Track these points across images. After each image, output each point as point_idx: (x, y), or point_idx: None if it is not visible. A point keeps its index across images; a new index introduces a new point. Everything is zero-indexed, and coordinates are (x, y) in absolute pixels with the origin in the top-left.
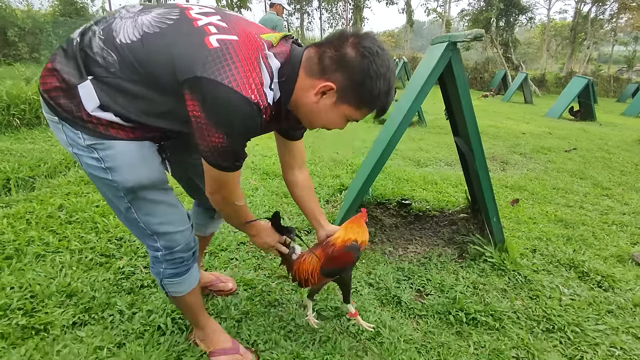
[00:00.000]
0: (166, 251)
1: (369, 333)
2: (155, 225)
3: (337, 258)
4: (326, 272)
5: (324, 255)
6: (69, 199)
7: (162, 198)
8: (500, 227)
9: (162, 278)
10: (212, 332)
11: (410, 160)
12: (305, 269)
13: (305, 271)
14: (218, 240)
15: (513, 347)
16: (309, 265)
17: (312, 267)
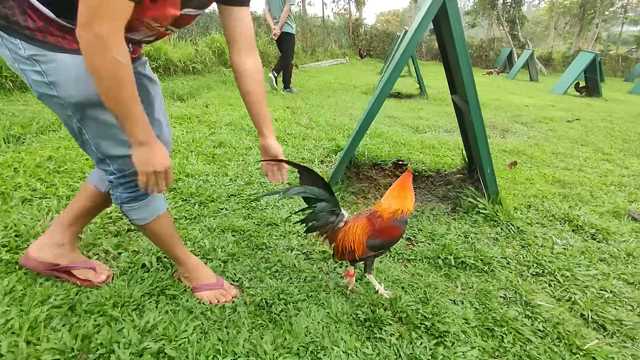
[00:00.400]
0: (119, 174)
1: (358, 273)
2: (106, 147)
3: (384, 231)
4: (373, 244)
5: (371, 226)
6: (59, 152)
7: (113, 120)
8: (494, 179)
9: (122, 204)
10: (195, 268)
11: (409, 127)
12: (351, 239)
13: (350, 242)
14: (208, 192)
15: (501, 288)
16: (355, 236)
17: (359, 239)
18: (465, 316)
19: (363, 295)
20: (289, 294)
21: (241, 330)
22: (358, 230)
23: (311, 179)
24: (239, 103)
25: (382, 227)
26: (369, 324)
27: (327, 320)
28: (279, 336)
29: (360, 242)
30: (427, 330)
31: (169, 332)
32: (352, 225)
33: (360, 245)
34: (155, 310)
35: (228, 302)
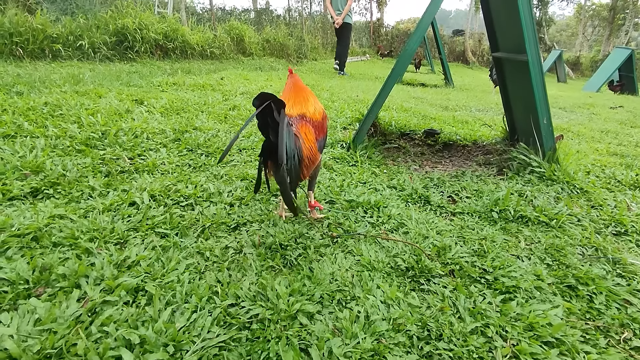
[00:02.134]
0: None
1: (392, 224)
2: None
3: (322, 128)
4: (320, 144)
5: (311, 125)
6: (57, 98)
7: None
8: (552, 132)
9: None
10: None
11: (438, 106)
12: (307, 148)
13: (309, 150)
14: (217, 144)
15: (577, 245)
16: (308, 142)
17: (311, 143)
18: (536, 272)
19: (401, 242)
20: (309, 238)
21: (247, 272)
22: (308, 135)
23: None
24: (255, 78)
25: (318, 124)
26: (413, 273)
27: (358, 267)
28: (296, 281)
29: (315, 145)
30: (489, 284)
31: (154, 269)
32: (300, 131)
33: (315, 148)
34: (140, 245)
35: None
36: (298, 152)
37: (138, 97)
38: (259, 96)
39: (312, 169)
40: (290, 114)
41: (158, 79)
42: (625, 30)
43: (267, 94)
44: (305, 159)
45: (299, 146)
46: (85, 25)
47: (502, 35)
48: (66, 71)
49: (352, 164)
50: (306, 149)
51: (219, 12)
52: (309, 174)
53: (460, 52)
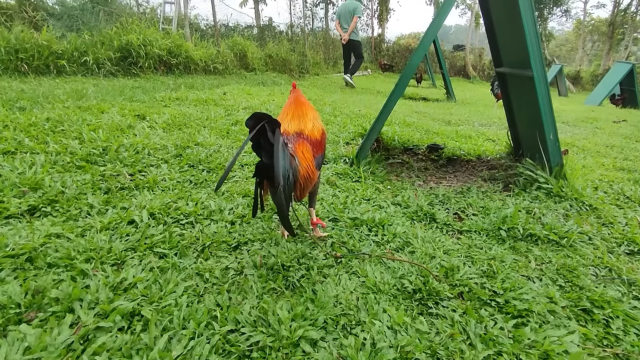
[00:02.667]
0: None
1: (397, 243)
2: None
3: (320, 145)
4: (318, 161)
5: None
6: (59, 114)
7: None
8: (558, 148)
9: None
10: None
11: (441, 120)
12: (306, 166)
13: (306, 168)
14: (219, 160)
15: (590, 265)
16: (305, 161)
17: (308, 162)
18: (548, 294)
19: (407, 263)
20: (312, 258)
21: (248, 295)
22: (305, 153)
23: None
24: (257, 93)
25: (316, 140)
26: (420, 296)
27: (363, 290)
28: (299, 304)
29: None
30: (500, 308)
31: (151, 292)
32: (298, 150)
33: (312, 167)
34: (137, 266)
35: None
36: (293, 172)
37: (140, 113)
38: (253, 116)
39: (309, 189)
40: (287, 131)
41: (161, 94)
42: (624, 45)
43: (261, 113)
44: (302, 179)
45: (295, 167)
46: (90, 41)
47: (506, 51)
48: (70, 87)
49: (355, 180)
50: (303, 168)
51: (223, 28)
52: (307, 193)
53: (461, 66)
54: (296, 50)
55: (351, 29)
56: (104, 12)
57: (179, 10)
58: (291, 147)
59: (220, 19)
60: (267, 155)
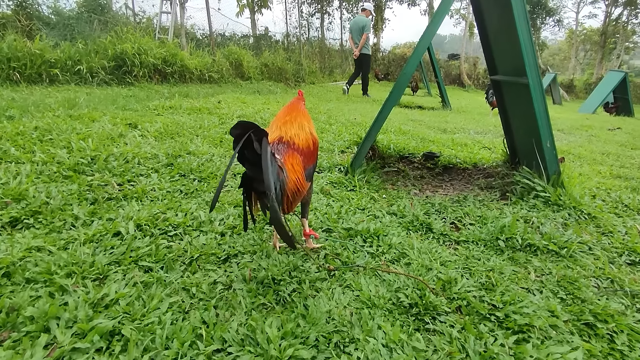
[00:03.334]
0: None
1: (392, 254)
2: None
3: (311, 155)
4: (309, 172)
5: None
6: (48, 123)
7: None
8: (555, 156)
9: None
10: None
11: (436, 128)
12: (294, 180)
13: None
14: (211, 169)
15: (591, 276)
16: (294, 174)
17: (298, 174)
18: (550, 307)
19: (403, 275)
20: (304, 271)
21: (236, 311)
22: (295, 165)
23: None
24: (252, 101)
25: (308, 151)
26: (417, 311)
27: (357, 304)
28: (289, 321)
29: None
30: (500, 322)
31: (133, 309)
32: (287, 162)
33: (302, 180)
34: (120, 281)
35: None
36: (280, 185)
37: (132, 121)
38: (238, 125)
39: (298, 202)
40: (279, 139)
41: (154, 102)
42: (616, 54)
43: (247, 122)
44: (290, 192)
45: (282, 179)
46: (84, 50)
47: (501, 59)
48: (62, 95)
49: (350, 189)
50: (292, 181)
51: (219, 37)
52: (295, 206)
53: (456, 75)
54: (292, 59)
55: (361, 45)
56: (99, 22)
57: (175, 19)
58: (280, 158)
59: (217, 29)
60: (251, 166)
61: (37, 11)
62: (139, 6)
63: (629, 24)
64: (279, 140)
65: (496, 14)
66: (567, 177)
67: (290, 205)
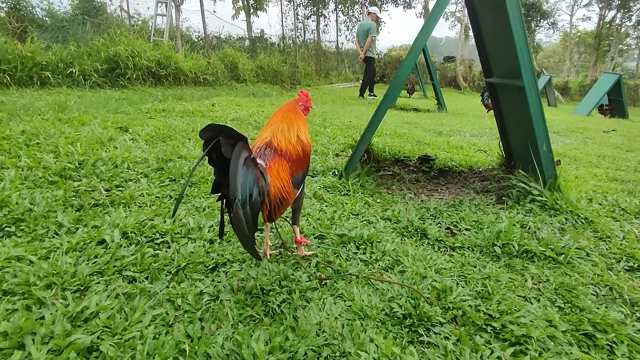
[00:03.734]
0: None
1: (386, 261)
2: None
3: (301, 162)
4: (297, 180)
5: (287, 161)
6: (35, 126)
7: None
8: (552, 159)
9: None
10: None
11: (432, 131)
12: (279, 186)
13: (280, 188)
14: (202, 174)
15: (589, 283)
16: (279, 180)
17: (283, 181)
18: (547, 317)
19: (397, 284)
20: (295, 281)
21: (222, 324)
22: (281, 172)
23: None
24: (247, 104)
25: (297, 157)
26: (411, 322)
27: (349, 315)
28: (278, 334)
29: (287, 183)
30: (497, 333)
31: (114, 322)
32: (272, 168)
33: (288, 187)
34: (102, 293)
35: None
36: (260, 192)
37: (123, 125)
38: (208, 128)
39: (284, 209)
40: (267, 143)
41: (147, 105)
42: (610, 56)
43: (218, 125)
44: (274, 199)
45: (262, 186)
46: (76, 52)
47: (496, 61)
48: (53, 98)
49: (344, 193)
50: (275, 188)
51: (215, 40)
52: (281, 213)
53: (451, 77)
54: (288, 61)
55: (365, 48)
56: (92, 24)
57: (171, 22)
58: (263, 164)
59: (212, 31)
60: (218, 171)
61: (32, 13)
62: (134, 8)
63: (622, 27)
64: (266, 144)
65: (491, 16)
66: (564, 180)
67: (276, 213)
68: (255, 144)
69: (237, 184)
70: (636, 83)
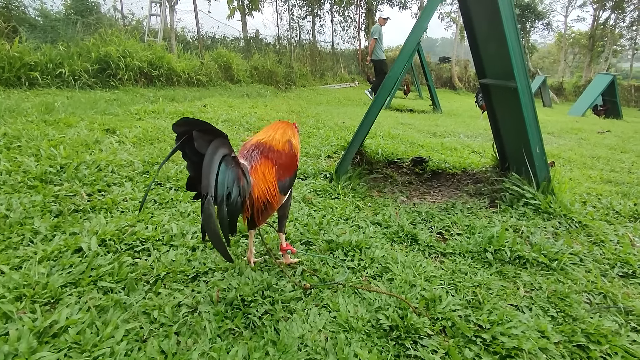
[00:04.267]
0: None
1: (375, 269)
2: None
3: (289, 166)
4: (284, 185)
5: (274, 164)
6: (18, 129)
7: None
8: (545, 162)
9: None
10: None
11: (426, 132)
12: (264, 188)
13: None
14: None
15: (582, 291)
16: (264, 183)
17: (269, 184)
18: (540, 327)
19: (384, 294)
20: (278, 291)
21: (200, 338)
22: (267, 175)
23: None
24: (240, 105)
25: (285, 162)
26: (398, 334)
27: (334, 327)
28: (257, 349)
29: (273, 186)
30: (487, 346)
31: (84, 338)
32: (257, 170)
33: (273, 190)
34: (74, 305)
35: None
36: (241, 192)
37: (111, 126)
38: (181, 122)
39: (270, 214)
40: (255, 144)
41: (136, 107)
42: (605, 57)
43: (192, 120)
44: (257, 201)
45: (243, 185)
46: (66, 53)
47: (489, 62)
48: (40, 99)
49: (334, 197)
50: (260, 190)
51: (209, 40)
52: (266, 218)
53: (447, 78)
54: (283, 62)
55: (370, 50)
56: (82, 24)
57: (165, 22)
58: (248, 165)
59: (207, 31)
60: (193, 167)
61: (24, 13)
62: (127, 8)
63: (616, 28)
64: (255, 146)
65: (484, 17)
66: (558, 182)
67: (259, 218)
68: (245, 145)
69: (211, 180)
70: (630, 84)
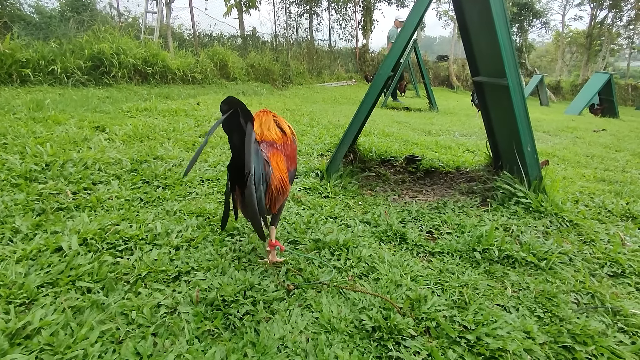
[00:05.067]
0: None
1: (361, 268)
2: None
3: (293, 156)
4: (291, 175)
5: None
6: (5, 126)
7: None
8: (537, 161)
9: None
10: None
11: (421, 130)
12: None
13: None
14: (177, 175)
15: (570, 291)
16: (279, 172)
17: (282, 173)
18: (525, 328)
19: (369, 294)
20: (261, 291)
21: (177, 339)
22: (280, 164)
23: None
24: None
25: (291, 153)
26: (380, 335)
27: (315, 328)
28: (236, 350)
29: (285, 175)
30: (471, 347)
31: (57, 340)
32: (271, 160)
33: (286, 179)
34: (49, 306)
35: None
36: (266, 178)
37: (101, 124)
38: (227, 100)
39: (280, 202)
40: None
41: (128, 104)
42: (602, 56)
43: (236, 99)
44: (274, 189)
45: (268, 172)
46: (58, 49)
47: (482, 60)
48: (31, 97)
49: (324, 196)
50: (276, 178)
51: (206, 38)
52: (277, 207)
53: (445, 76)
54: (279, 60)
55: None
56: (75, 20)
57: (161, 19)
58: (265, 154)
59: (204, 29)
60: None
61: (18, 10)
62: (124, 5)
63: (613, 27)
64: (261, 138)
65: (476, 13)
66: (550, 180)
67: (274, 205)
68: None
69: (251, 157)
70: (627, 82)
